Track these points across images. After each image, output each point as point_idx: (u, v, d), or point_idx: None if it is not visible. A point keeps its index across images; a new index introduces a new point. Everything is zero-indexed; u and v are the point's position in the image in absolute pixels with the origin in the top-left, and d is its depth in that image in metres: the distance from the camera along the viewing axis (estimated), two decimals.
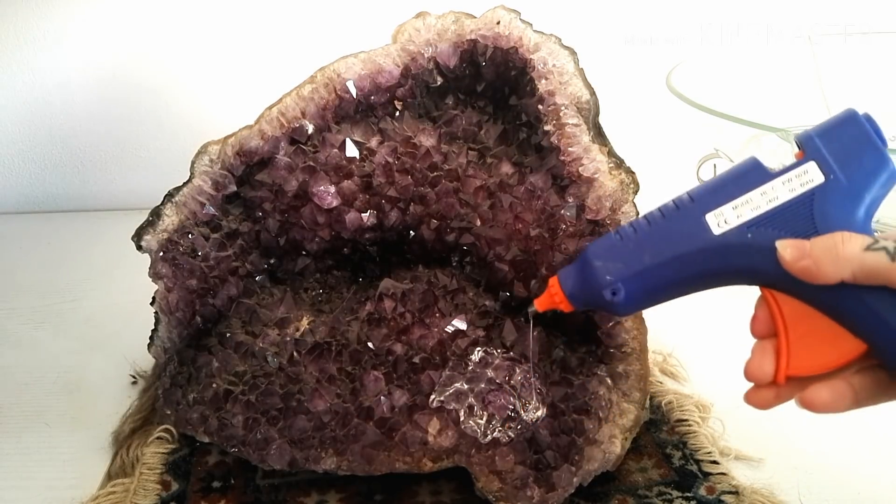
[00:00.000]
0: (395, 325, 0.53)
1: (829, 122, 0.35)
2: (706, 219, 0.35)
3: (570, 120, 0.53)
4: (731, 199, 0.35)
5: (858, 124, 0.35)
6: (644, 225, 0.37)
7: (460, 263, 0.56)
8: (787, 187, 0.34)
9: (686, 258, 0.36)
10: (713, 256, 0.35)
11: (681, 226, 0.36)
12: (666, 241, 0.36)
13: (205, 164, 0.56)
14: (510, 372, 0.50)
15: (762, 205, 0.34)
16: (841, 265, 0.31)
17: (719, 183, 0.36)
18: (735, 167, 0.37)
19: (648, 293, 0.38)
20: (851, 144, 0.34)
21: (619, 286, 0.37)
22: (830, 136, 0.35)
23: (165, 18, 0.91)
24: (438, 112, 0.56)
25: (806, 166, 0.34)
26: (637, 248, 0.37)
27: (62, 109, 0.95)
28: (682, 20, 0.96)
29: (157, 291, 0.56)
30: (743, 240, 0.34)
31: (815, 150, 0.34)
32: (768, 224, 0.34)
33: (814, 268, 0.32)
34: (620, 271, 0.37)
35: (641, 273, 0.37)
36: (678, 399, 0.59)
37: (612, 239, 0.38)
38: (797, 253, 0.32)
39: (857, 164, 0.34)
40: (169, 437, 0.55)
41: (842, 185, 0.34)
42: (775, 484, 0.51)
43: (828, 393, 0.33)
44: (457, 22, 0.55)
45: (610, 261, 0.37)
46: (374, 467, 0.50)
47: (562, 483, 0.49)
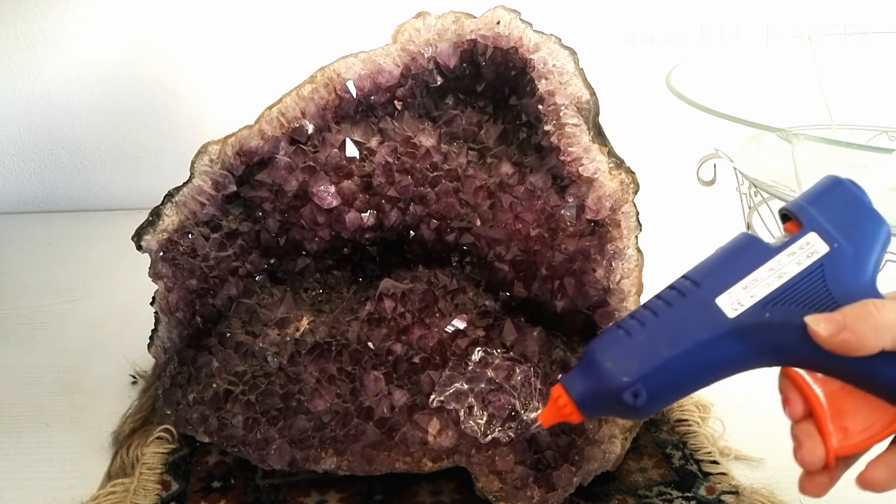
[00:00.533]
0: (395, 325, 0.53)
1: (816, 190, 0.36)
2: (717, 303, 0.34)
3: (570, 120, 0.53)
4: (740, 279, 0.34)
5: (847, 189, 0.35)
6: (651, 316, 0.35)
7: (460, 263, 0.56)
8: (794, 260, 0.34)
9: (705, 347, 0.34)
10: (733, 341, 0.34)
11: (692, 313, 0.34)
12: (680, 331, 0.34)
13: (205, 164, 0.56)
14: (510, 372, 0.50)
15: (772, 282, 0.34)
16: (881, 333, 0.31)
17: (720, 263, 0.35)
18: (731, 245, 0.36)
19: (671, 389, 0.35)
20: (846, 211, 0.35)
21: (640, 387, 0.34)
22: (823, 205, 0.35)
23: (165, 19, 0.91)
24: (438, 112, 0.56)
25: (807, 238, 0.34)
26: (649, 342, 0.34)
27: (62, 109, 0.95)
28: (682, 20, 0.96)
29: (157, 291, 0.56)
30: (762, 319, 0.33)
31: (812, 220, 0.34)
32: (783, 300, 0.33)
33: (854, 340, 0.31)
34: (638, 370, 0.34)
35: (661, 368, 0.34)
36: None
37: (617, 335, 0.35)
38: (833, 327, 0.32)
39: (857, 229, 0.34)
40: (169, 437, 0.55)
41: (847, 252, 0.34)
42: (775, 484, 0.51)
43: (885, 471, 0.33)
44: (457, 22, 0.55)
45: (623, 360, 0.34)
46: (374, 467, 0.50)
47: (562, 483, 0.49)
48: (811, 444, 0.34)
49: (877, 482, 0.33)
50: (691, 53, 0.82)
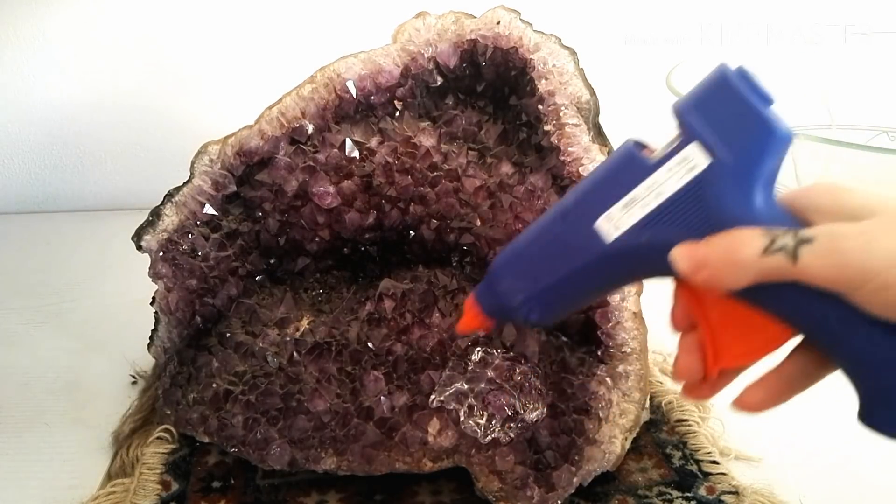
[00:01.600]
0: (395, 325, 0.53)
1: (703, 87, 0.31)
2: (597, 226, 0.32)
3: (570, 120, 0.53)
4: (618, 200, 0.32)
5: (733, 89, 0.30)
6: (536, 237, 0.35)
7: (460, 263, 0.56)
8: (673, 176, 0.30)
9: (587, 270, 0.33)
10: (614, 264, 0.33)
11: (572, 237, 0.33)
12: (562, 256, 0.34)
13: (205, 164, 0.56)
14: (510, 372, 0.50)
15: (651, 201, 0.31)
16: (741, 274, 0.29)
17: (601, 181, 0.33)
18: (612, 159, 0.33)
19: (560, 306, 0.36)
20: (732, 115, 0.29)
21: (532, 306, 0.35)
22: (707, 108, 0.30)
23: (165, 19, 0.91)
24: (438, 112, 0.56)
25: (688, 149, 0.30)
26: (536, 264, 0.35)
27: (62, 109, 0.95)
28: (682, 20, 0.96)
29: (157, 291, 0.56)
30: (640, 242, 0.31)
31: (693, 127, 0.30)
32: (662, 221, 0.31)
33: (713, 279, 0.29)
34: (527, 291, 0.35)
35: (547, 291, 0.35)
36: (678, 399, 0.59)
37: (511, 255, 0.36)
38: (692, 264, 0.30)
39: (741, 138, 0.29)
40: (169, 437, 0.55)
41: (729, 165, 0.29)
42: (775, 484, 0.51)
43: (762, 393, 0.32)
44: (457, 22, 0.55)
45: (515, 281, 0.35)
46: (374, 467, 0.50)
47: (562, 483, 0.49)
48: (688, 357, 0.33)
49: (752, 404, 0.32)
50: (691, 53, 0.82)
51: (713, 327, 0.32)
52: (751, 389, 0.32)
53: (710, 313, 0.32)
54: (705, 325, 0.32)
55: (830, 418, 0.57)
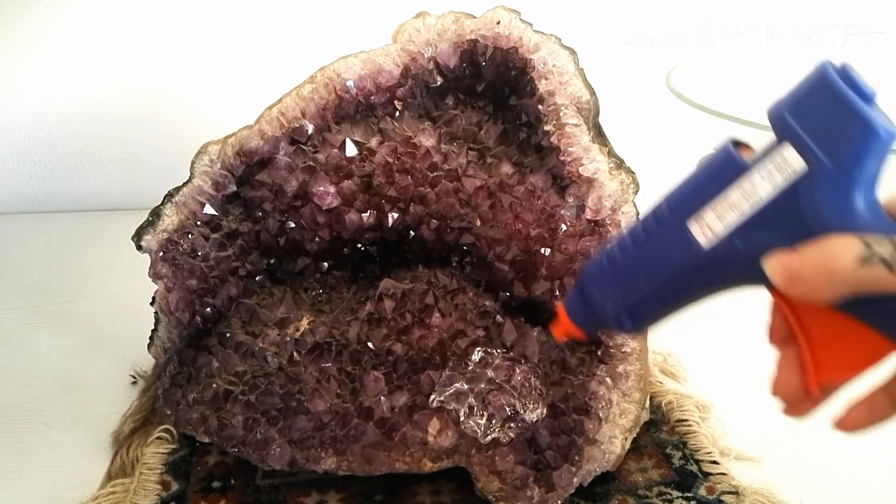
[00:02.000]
0: (395, 325, 0.53)
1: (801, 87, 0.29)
2: (690, 229, 0.31)
3: (570, 120, 0.53)
4: (710, 202, 0.31)
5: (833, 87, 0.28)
6: (630, 245, 0.34)
7: (460, 263, 0.56)
8: (768, 181, 0.29)
9: (682, 277, 0.33)
10: (709, 271, 0.32)
11: (666, 243, 0.32)
12: (656, 263, 0.33)
13: (205, 164, 0.56)
14: (510, 372, 0.50)
15: (744, 207, 0.30)
16: (836, 286, 0.27)
17: (695, 185, 0.32)
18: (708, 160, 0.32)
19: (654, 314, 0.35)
20: (830, 116, 0.28)
21: (624, 316, 0.35)
22: (804, 109, 0.28)
23: (165, 19, 0.91)
24: (438, 112, 0.56)
25: (783, 152, 0.29)
26: (629, 272, 0.34)
27: (62, 109, 0.95)
28: (682, 20, 0.96)
29: (157, 291, 0.56)
30: (734, 249, 0.30)
31: (788, 130, 0.29)
32: (756, 228, 0.30)
33: (809, 291, 0.28)
34: (620, 301, 0.35)
35: (641, 299, 0.34)
36: (678, 399, 0.59)
37: (603, 264, 0.35)
38: (786, 276, 0.28)
39: (840, 141, 0.28)
40: (169, 437, 0.55)
41: (827, 169, 0.28)
42: (775, 484, 0.51)
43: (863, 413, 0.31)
44: (457, 22, 0.55)
45: (607, 290, 0.35)
46: (374, 467, 0.50)
47: (562, 483, 0.49)
48: (787, 374, 0.32)
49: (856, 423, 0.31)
50: (691, 53, 0.82)
51: (812, 340, 0.31)
52: (855, 408, 0.31)
53: (809, 325, 0.31)
54: (804, 337, 0.31)
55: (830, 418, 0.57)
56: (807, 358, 0.31)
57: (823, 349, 0.31)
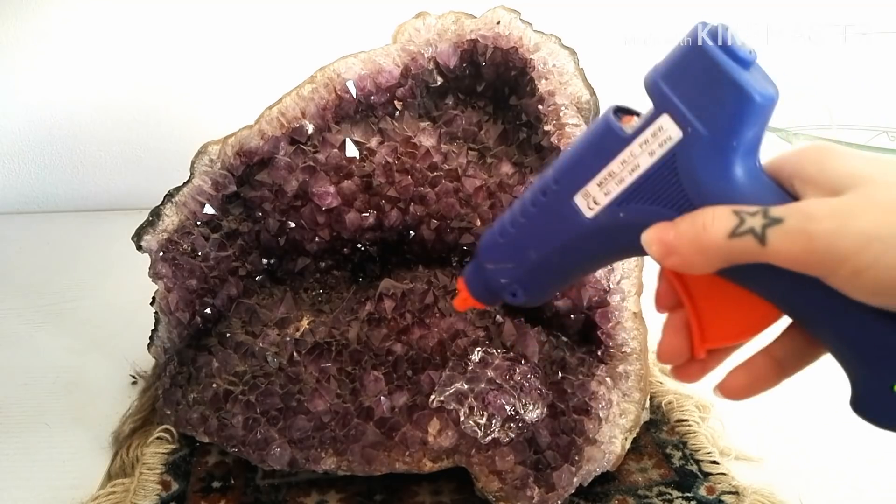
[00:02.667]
0: (395, 325, 0.53)
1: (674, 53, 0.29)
2: (575, 202, 0.31)
3: (570, 120, 0.53)
4: (594, 175, 0.30)
5: (706, 53, 0.27)
6: (518, 217, 0.34)
7: (460, 263, 0.56)
8: (646, 150, 0.29)
9: (568, 247, 0.32)
10: (594, 241, 0.32)
11: (553, 215, 0.32)
12: (543, 234, 0.33)
13: (205, 164, 0.56)
14: (510, 372, 0.50)
15: (625, 176, 0.29)
16: (710, 258, 0.27)
17: (578, 156, 0.31)
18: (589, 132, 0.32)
19: (545, 285, 0.35)
20: (704, 82, 0.27)
21: (516, 287, 0.35)
22: (679, 76, 0.28)
23: (165, 19, 0.91)
24: (438, 112, 0.56)
25: (659, 121, 0.28)
26: (519, 244, 0.34)
27: (62, 109, 0.95)
28: (682, 20, 0.96)
29: (157, 291, 0.56)
30: (617, 220, 0.30)
31: (664, 98, 0.28)
32: (637, 198, 0.29)
33: (684, 264, 0.28)
34: (511, 272, 0.35)
35: (531, 270, 0.34)
36: (678, 399, 0.59)
37: (495, 236, 0.35)
38: (662, 250, 0.29)
39: (715, 107, 0.27)
40: (169, 437, 0.55)
41: (703, 137, 0.27)
42: (775, 484, 0.51)
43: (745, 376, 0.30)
44: (457, 22, 0.55)
45: (500, 262, 0.35)
46: (374, 467, 0.50)
47: (562, 483, 0.49)
48: (672, 337, 0.32)
49: (735, 390, 0.31)
50: None
51: (698, 306, 0.31)
52: (734, 373, 0.31)
53: (695, 291, 0.31)
54: (690, 303, 0.31)
55: (830, 418, 0.57)
56: (693, 324, 0.31)
57: (709, 315, 0.31)
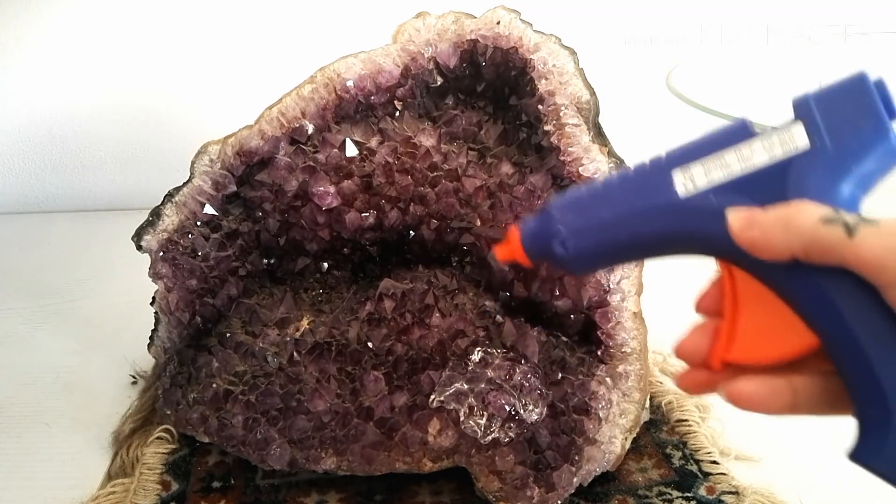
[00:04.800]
0: (395, 325, 0.53)
1: (835, 83, 0.30)
2: (673, 176, 0.31)
3: (570, 120, 0.53)
4: (704, 156, 0.31)
5: (864, 88, 0.29)
6: (612, 179, 0.34)
7: (460, 263, 0.56)
8: (767, 150, 0.30)
9: (641, 216, 0.32)
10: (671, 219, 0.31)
11: (645, 181, 0.32)
12: (625, 196, 0.33)
13: (205, 164, 0.56)
14: (510, 372, 0.50)
15: (735, 167, 0.30)
16: (791, 237, 0.27)
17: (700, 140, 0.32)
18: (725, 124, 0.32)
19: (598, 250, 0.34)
20: (849, 110, 0.29)
21: (569, 238, 0.34)
22: (828, 99, 0.30)
23: (165, 19, 0.91)
24: (438, 112, 0.56)
25: (792, 129, 0.29)
26: (597, 201, 0.34)
27: (62, 109, 0.95)
28: (682, 20, 0.96)
29: (157, 291, 0.56)
30: (705, 204, 0.30)
31: (806, 111, 0.29)
32: (737, 190, 0.30)
33: (762, 239, 0.28)
34: (573, 223, 0.34)
35: (594, 227, 0.33)
36: (678, 399, 0.59)
37: (577, 192, 0.35)
38: (745, 222, 0.28)
39: (850, 131, 0.29)
40: (169, 437, 0.55)
41: (827, 153, 0.29)
42: (775, 484, 0.51)
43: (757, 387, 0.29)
44: (457, 22, 0.55)
45: (567, 213, 0.34)
46: (374, 467, 0.50)
47: (562, 483, 0.49)
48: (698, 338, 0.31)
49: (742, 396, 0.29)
50: (691, 53, 0.82)
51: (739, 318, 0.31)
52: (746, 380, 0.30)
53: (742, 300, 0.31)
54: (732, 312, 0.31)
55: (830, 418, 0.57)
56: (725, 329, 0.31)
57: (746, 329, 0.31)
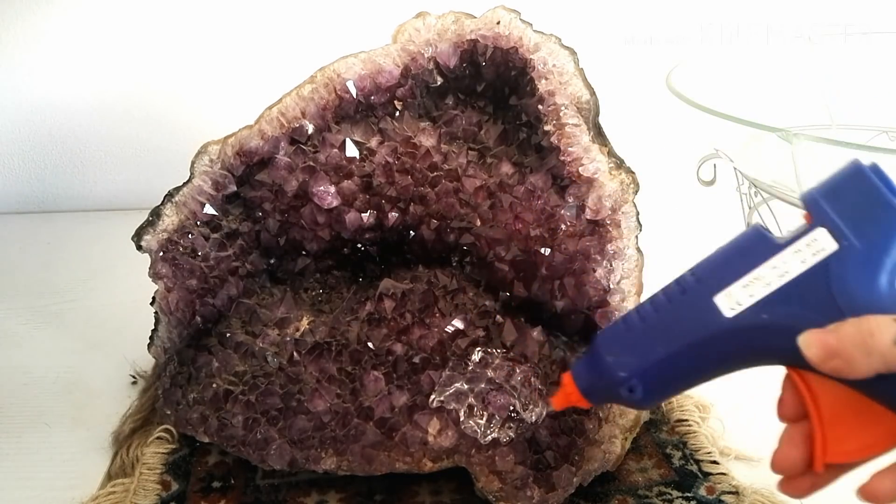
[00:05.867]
0: (395, 325, 0.53)
1: (834, 178, 0.32)
2: (716, 301, 0.32)
3: (570, 120, 0.53)
4: (740, 277, 0.32)
5: (866, 179, 0.31)
6: (651, 312, 0.35)
7: (460, 263, 0.56)
8: (798, 258, 0.31)
9: (701, 346, 0.33)
10: (729, 341, 0.32)
11: (690, 311, 0.33)
12: (676, 329, 0.33)
13: (205, 164, 0.56)
14: (510, 372, 0.50)
15: (773, 281, 0.31)
16: (874, 361, 0.29)
17: (724, 259, 0.33)
18: (738, 239, 0.34)
19: (667, 385, 0.35)
20: (862, 203, 0.31)
21: (636, 382, 0.34)
22: (837, 196, 0.31)
23: (165, 18, 0.91)
24: (438, 112, 0.56)
25: (815, 233, 0.31)
26: (647, 338, 0.34)
27: (62, 110, 0.95)
28: (682, 20, 0.96)
29: (157, 291, 0.56)
30: (759, 321, 0.32)
31: (822, 214, 0.31)
32: (784, 301, 0.31)
33: (845, 368, 0.29)
34: (634, 366, 0.34)
35: (656, 365, 0.34)
36: (678, 399, 0.59)
37: (619, 329, 0.36)
38: (824, 353, 0.30)
39: (870, 225, 0.31)
40: (169, 437, 0.55)
41: (857, 251, 0.30)
42: (775, 484, 0.51)
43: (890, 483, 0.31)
44: (457, 22, 0.55)
45: (622, 355, 0.35)
46: (374, 467, 0.50)
47: (562, 483, 0.49)
48: (791, 450, 0.33)
49: (880, 494, 0.31)
50: (691, 53, 0.82)
51: (825, 418, 0.32)
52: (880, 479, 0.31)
53: (823, 404, 0.32)
54: (816, 416, 0.32)
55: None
56: (818, 436, 0.32)
57: (836, 428, 0.32)
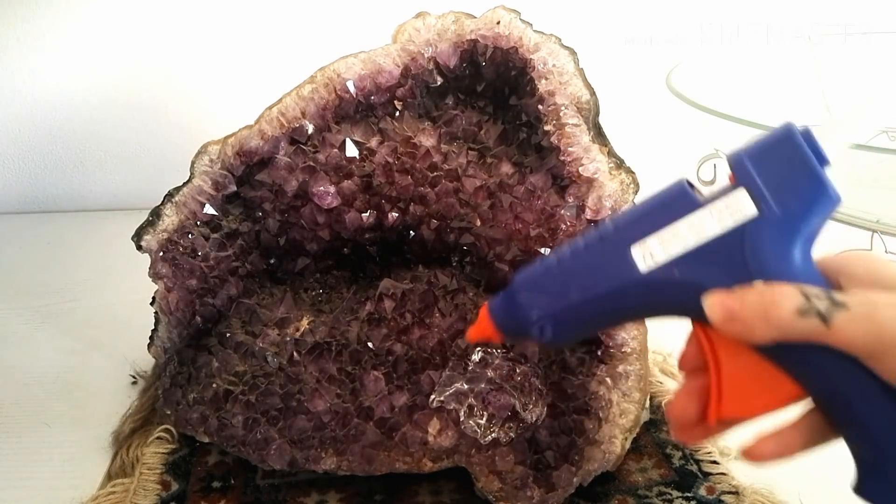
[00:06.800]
0: (395, 325, 0.53)
1: (764, 139, 0.31)
2: (631, 252, 0.32)
3: (570, 120, 0.53)
4: (657, 230, 0.32)
5: (795, 144, 0.30)
6: (567, 256, 0.35)
7: (460, 263, 0.56)
8: (716, 219, 0.31)
9: (612, 296, 0.33)
10: (640, 294, 0.33)
11: (604, 259, 0.33)
12: (590, 277, 0.33)
13: (205, 164, 0.56)
14: (510, 372, 0.50)
15: (690, 239, 0.31)
16: (772, 329, 0.29)
17: (644, 210, 0.33)
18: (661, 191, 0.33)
19: (577, 328, 0.35)
20: (787, 169, 0.30)
21: (546, 324, 0.35)
22: (763, 159, 0.30)
23: (165, 19, 0.91)
24: (438, 112, 0.56)
25: (736, 195, 0.30)
26: (561, 282, 0.34)
27: (62, 110, 0.95)
28: (682, 20, 0.96)
29: (157, 291, 0.56)
30: (670, 277, 0.31)
31: (746, 175, 0.30)
32: (697, 261, 0.31)
33: (744, 331, 0.30)
34: (546, 308, 0.35)
35: (567, 310, 0.34)
36: None
37: (537, 271, 0.35)
38: (725, 315, 0.30)
39: (792, 193, 0.30)
40: (169, 437, 0.55)
41: (776, 217, 0.30)
42: (775, 484, 0.51)
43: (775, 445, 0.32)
44: (457, 22, 0.55)
45: (536, 296, 0.35)
46: (374, 467, 0.50)
47: (562, 483, 0.49)
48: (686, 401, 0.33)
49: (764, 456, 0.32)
50: (691, 53, 0.82)
51: (723, 375, 0.32)
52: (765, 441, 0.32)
53: (724, 360, 0.32)
54: (715, 371, 0.32)
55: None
56: (714, 390, 0.32)
57: (732, 385, 0.32)
